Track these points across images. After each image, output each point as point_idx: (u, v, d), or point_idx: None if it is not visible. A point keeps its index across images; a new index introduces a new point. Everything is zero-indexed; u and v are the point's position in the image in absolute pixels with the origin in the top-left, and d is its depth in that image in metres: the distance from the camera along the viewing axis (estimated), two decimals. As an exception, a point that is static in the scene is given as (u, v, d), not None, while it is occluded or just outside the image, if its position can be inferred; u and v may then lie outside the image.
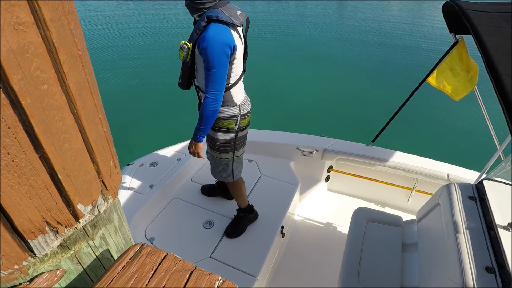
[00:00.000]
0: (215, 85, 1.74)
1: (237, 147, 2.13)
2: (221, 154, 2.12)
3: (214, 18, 1.66)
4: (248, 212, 2.52)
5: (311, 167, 3.27)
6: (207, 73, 1.72)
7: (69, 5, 0.53)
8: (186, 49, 1.75)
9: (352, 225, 2.39)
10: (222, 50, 1.67)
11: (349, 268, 2.10)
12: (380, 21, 12.90)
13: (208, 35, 1.64)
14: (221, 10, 1.69)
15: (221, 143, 2.05)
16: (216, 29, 1.65)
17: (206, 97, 1.77)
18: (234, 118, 1.99)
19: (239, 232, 2.48)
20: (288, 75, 7.84)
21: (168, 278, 0.70)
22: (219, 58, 1.68)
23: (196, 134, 1.93)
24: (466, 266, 1.59)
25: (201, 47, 1.68)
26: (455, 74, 2.36)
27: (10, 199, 0.52)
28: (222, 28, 1.67)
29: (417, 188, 3.00)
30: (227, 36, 1.68)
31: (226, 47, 1.68)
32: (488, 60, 1.24)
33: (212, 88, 1.75)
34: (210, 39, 1.63)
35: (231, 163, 2.19)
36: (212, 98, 1.76)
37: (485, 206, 1.89)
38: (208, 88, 1.75)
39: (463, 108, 6.40)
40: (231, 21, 1.68)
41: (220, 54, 1.67)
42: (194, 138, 1.95)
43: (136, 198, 2.57)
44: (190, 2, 1.72)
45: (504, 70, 1.17)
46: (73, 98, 0.57)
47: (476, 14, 1.57)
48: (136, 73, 7.81)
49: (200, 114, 1.84)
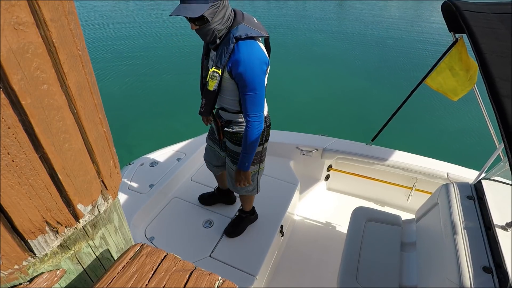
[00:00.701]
0: (258, 107, 1.62)
1: (262, 159, 2.05)
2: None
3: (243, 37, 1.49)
4: (250, 213, 2.49)
5: (310, 166, 3.27)
6: (247, 97, 1.58)
7: (69, 5, 0.53)
8: (217, 77, 1.58)
9: (351, 224, 2.40)
10: (260, 69, 1.54)
11: (348, 267, 2.10)
12: (379, 21, 12.90)
13: (242, 57, 1.48)
14: (246, 25, 1.52)
15: None
16: (249, 48, 1.50)
17: (250, 122, 1.64)
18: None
19: (239, 232, 2.45)
20: (288, 75, 7.84)
21: (168, 278, 0.70)
22: (260, 78, 1.55)
23: (245, 163, 1.80)
24: (463, 266, 1.59)
25: (236, 72, 1.52)
26: (454, 74, 2.36)
27: (10, 199, 0.52)
28: (253, 45, 1.52)
29: (416, 187, 3.01)
30: (260, 52, 1.54)
31: (263, 64, 1.55)
32: (482, 63, 1.23)
33: (257, 111, 1.63)
34: (247, 61, 1.49)
35: (257, 176, 2.10)
36: (257, 122, 1.65)
37: (484, 206, 1.89)
38: (252, 112, 1.63)
39: (462, 107, 6.41)
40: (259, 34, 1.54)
41: (260, 74, 1.54)
42: (242, 167, 1.82)
43: (136, 198, 2.57)
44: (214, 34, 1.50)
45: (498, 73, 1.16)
46: (73, 98, 0.57)
47: (472, 15, 1.57)
48: (136, 73, 7.80)
49: (247, 141, 1.70)
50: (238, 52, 1.48)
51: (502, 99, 1.07)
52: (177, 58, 8.75)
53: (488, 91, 1.13)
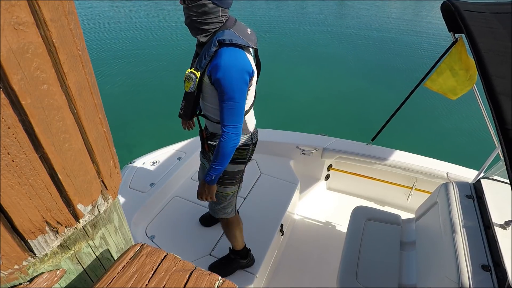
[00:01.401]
0: (235, 117, 1.51)
1: (242, 178, 1.92)
2: (227, 188, 1.85)
3: (227, 42, 1.42)
4: (242, 256, 2.21)
5: (310, 165, 3.28)
6: (224, 106, 1.48)
7: (69, 5, 0.53)
8: (193, 78, 1.49)
9: (351, 223, 2.40)
10: (241, 78, 1.44)
11: (347, 266, 2.10)
12: (379, 21, 12.89)
13: (222, 62, 1.40)
14: (233, 31, 1.45)
15: (229, 175, 1.80)
16: (231, 54, 1.42)
17: (225, 133, 1.53)
18: (246, 147, 1.78)
19: (225, 274, 2.19)
20: (288, 75, 7.84)
21: (168, 278, 0.70)
22: (239, 87, 1.45)
23: (212, 175, 1.63)
24: (462, 265, 1.60)
25: (215, 77, 1.44)
26: (453, 74, 2.36)
27: (10, 199, 0.52)
28: (237, 52, 1.44)
29: (416, 187, 3.01)
30: (244, 61, 1.45)
31: (245, 73, 1.46)
32: (479, 61, 1.23)
33: (233, 122, 1.52)
34: (227, 67, 1.41)
35: (235, 197, 1.95)
36: (233, 133, 1.53)
37: (483, 205, 1.90)
38: (228, 122, 1.52)
39: (462, 107, 6.41)
40: (246, 44, 1.46)
41: (239, 83, 1.44)
42: (209, 180, 1.65)
43: (137, 197, 2.58)
44: (191, 21, 1.45)
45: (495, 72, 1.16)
46: (73, 98, 0.57)
47: (471, 14, 1.57)
48: (136, 73, 7.80)
49: (218, 152, 1.57)
50: (219, 57, 1.41)
51: (498, 96, 1.08)
52: (177, 57, 8.74)
53: (484, 89, 1.14)
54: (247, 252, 2.22)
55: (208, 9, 1.39)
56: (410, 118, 5.99)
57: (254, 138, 1.82)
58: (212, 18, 1.42)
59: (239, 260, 2.21)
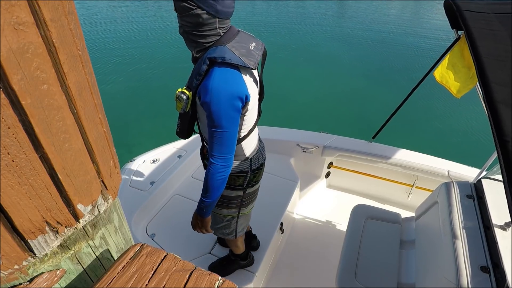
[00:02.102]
0: (223, 147, 1.33)
1: (244, 204, 1.74)
2: (223, 210, 1.72)
3: (219, 60, 1.23)
4: (242, 258, 2.18)
5: (311, 163, 3.28)
6: (212, 133, 1.31)
7: (69, 5, 0.52)
8: (185, 99, 1.31)
9: (351, 222, 2.40)
10: (230, 104, 1.25)
11: (347, 265, 2.10)
12: (379, 21, 12.87)
13: (211, 85, 1.22)
14: (228, 48, 1.25)
15: (225, 199, 1.67)
16: (222, 75, 1.23)
17: (212, 163, 1.35)
18: (242, 175, 1.60)
19: (225, 274, 2.14)
20: (288, 75, 7.83)
21: (168, 278, 0.70)
22: (228, 114, 1.26)
23: (202, 208, 1.49)
24: (461, 265, 1.59)
25: (202, 100, 1.25)
26: (456, 71, 2.35)
27: (10, 199, 0.52)
28: (229, 73, 1.25)
29: (417, 185, 3.01)
30: (236, 84, 1.26)
31: (236, 100, 1.26)
32: (479, 67, 1.19)
33: (220, 151, 1.33)
34: (215, 90, 1.21)
35: (236, 220, 1.80)
36: (220, 165, 1.35)
37: (483, 205, 1.89)
38: (214, 152, 1.34)
39: (464, 105, 6.41)
40: (242, 63, 1.25)
41: (227, 110, 1.25)
42: (200, 212, 1.52)
43: (137, 195, 2.58)
44: (185, 32, 1.27)
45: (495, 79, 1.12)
46: (73, 98, 0.57)
47: (472, 15, 1.55)
48: (136, 73, 7.79)
49: (206, 185, 1.41)
50: (209, 78, 1.23)
51: (497, 105, 1.03)
52: (177, 57, 8.73)
53: (483, 96, 1.10)
54: (247, 254, 2.21)
55: (203, 20, 1.20)
56: (411, 116, 5.99)
57: (255, 164, 1.62)
58: (208, 30, 1.24)
59: (239, 262, 2.20)
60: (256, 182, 1.69)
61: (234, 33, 1.31)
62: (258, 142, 1.66)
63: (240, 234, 1.90)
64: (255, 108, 1.45)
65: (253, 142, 1.59)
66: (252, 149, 1.59)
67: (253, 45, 1.35)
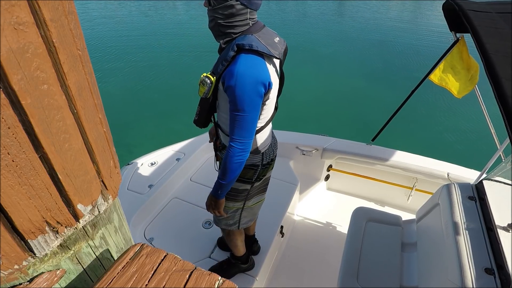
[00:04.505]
0: (243, 132, 1.39)
1: (249, 197, 1.79)
2: (229, 203, 1.76)
3: (246, 47, 1.31)
4: (243, 261, 2.19)
5: (310, 166, 3.27)
6: (234, 117, 1.37)
7: (69, 5, 0.53)
8: (208, 84, 1.38)
9: (352, 224, 2.39)
10: (254, 89, 1.31)
11: (348, 268, 2.09)
12: (379, 21, 12.89)
13: (237, 69, 1.29)
14: (256, 37, 1.34)
15: (232, 191, 1.71)
16: (248, 61, 1.30)
17: (231, 147, 1.41)
18: (253, 168, 1.65)
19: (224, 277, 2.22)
20: (288, 75, 7.82)
21: (168, 278, 0.70)
22: (251, 99, 1.32)
23: (217, 189, 1.55)
24: (465, 267, 1.58)
25: (227, 84, 1.32)
26: (456, 73, 2.36)
27: (10, 199, 0.52)
28: (255, 60, 1.32)
29: (417, 187, 3.00)
30: (261, 70, 1.33)
31: (260, 85, 1.32)
32: (487, 63, 1.21)
33: (240, 135, 1.39)
34: (240, 75, 1.28)
35: (240, 212, 1.84)
36: (239, 148, 1.41)
37: (485, 207, 1.88)
38: (235, 135, 1.40)
39: (463, 107, 6.41)
40: (268, 52, 1.33)
41: (251, 94, 1.32)
42: (215, 193, 1.57)
43: (135, 198, 2.57)
44: (216, 24, 1.35)
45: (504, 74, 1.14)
46: (73, 98, 0.57)
47: (476, 14, 1.56)
48: (136, 73, 7.81)
49: (223, 167, 1.47)
50: (235, 64, 1.31)
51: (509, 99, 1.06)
52: (178, 57, 8.75)
53: (494, 92, 1.12)
54: (248, 257, 2.20)
55: (236, 10, 1.29)
56: (410, 118, 5.99)
57: (266, 158, 1.68)
58: (239, 21, 1.33)
59: (239, 265, 2.19)
60: (260, 178, 1.73)
61: (261, 26, 1.42)
62: (271, 138, 1.73)
63: (243, 226, 1.93)
64: (274, 99, 1.53)
65: (267, 136, 1.65)
66: (265, 143, 1.65)
67: (277, 39, 1.45)
